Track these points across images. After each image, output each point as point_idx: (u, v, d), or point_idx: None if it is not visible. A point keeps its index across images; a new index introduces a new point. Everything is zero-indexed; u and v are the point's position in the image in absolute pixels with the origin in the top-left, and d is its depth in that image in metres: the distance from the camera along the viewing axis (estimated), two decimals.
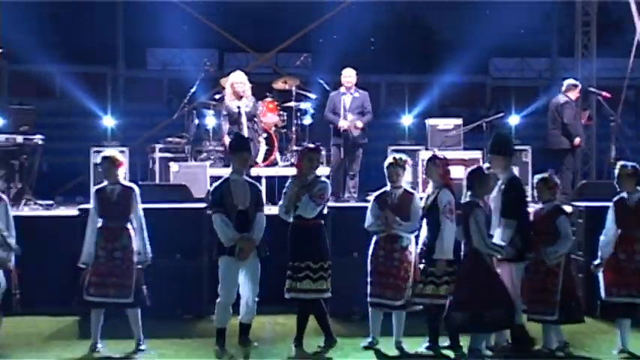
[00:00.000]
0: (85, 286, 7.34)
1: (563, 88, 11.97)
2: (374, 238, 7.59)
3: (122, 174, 7.57)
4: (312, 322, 7.72)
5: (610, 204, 7.48)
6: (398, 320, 7.57)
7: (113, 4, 21.95)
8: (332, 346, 7.56)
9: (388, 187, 7.62)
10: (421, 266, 7.42)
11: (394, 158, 7.65)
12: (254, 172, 10.10)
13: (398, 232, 7.46)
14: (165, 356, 7.34)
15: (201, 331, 8.12)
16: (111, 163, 7.47)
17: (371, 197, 7.95)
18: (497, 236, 7.27)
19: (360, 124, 11.23)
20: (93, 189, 7.76)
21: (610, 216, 7.38)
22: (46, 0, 18.63)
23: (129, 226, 7.42)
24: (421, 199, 7.66)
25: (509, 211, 7.26)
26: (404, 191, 7.56)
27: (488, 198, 7.59)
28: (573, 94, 11.87)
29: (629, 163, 7.49)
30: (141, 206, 7.54)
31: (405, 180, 7.66)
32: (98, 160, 8.15)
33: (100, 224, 7.42)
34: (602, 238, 7.41)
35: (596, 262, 7.41)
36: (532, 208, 7.91)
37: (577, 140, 11.60)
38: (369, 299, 7.55)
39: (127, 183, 7.65)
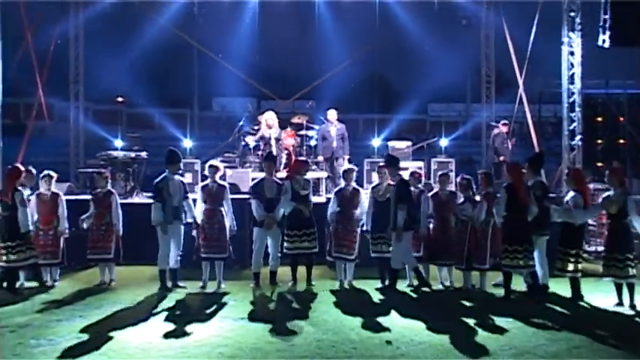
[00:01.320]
0: (199, 247, 7.45)
1: (498, 125, 12.30)
2: None
3: (218, 176, 7.60)
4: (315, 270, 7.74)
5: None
6: (350, 268, 7.59)
7: (192, 69, 21.98)
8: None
9: (342, 185, 7.63)
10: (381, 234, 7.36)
11: (348, 168, 7.74)
12: (280, 175, 10.07)
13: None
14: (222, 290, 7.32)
15: (245, 276, 8.08)
16: (214, 169, 7.58)
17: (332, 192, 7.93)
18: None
19: (346, 157, 11.25)
20: (199, 185, 7.84)
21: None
22: (147, 62, 18.65)
23: (221, 208, 7.47)
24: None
25: (403, 199, 7.17)
26: (353, 188, 7.57)
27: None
28: (504, 128, 12.23)
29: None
30: (230, 196, 7.57)
31: (354, 179, 7.66)
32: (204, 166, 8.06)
33: (204, 208, 7.45)
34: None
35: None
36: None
37: (502, 158, 11.97)
38: (334, 254, 7.52)
39: (222, 182, 7.70)
